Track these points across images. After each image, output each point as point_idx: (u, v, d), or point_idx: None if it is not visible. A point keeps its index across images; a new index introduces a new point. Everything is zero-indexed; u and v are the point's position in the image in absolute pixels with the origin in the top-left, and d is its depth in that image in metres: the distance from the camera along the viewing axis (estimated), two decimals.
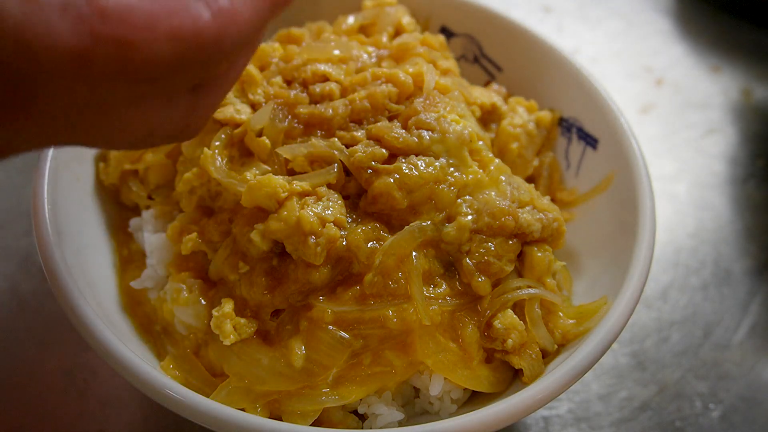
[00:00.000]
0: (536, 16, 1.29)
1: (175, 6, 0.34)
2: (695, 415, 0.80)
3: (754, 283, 0.93)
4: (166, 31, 0.33)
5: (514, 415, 0.56)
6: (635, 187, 0.70)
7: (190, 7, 0.35)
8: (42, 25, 0.31)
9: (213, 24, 0.35)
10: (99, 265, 0.71)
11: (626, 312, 0.62)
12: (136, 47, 0.33)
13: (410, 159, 0.64)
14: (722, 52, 1.25)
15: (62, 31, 0.31)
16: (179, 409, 0.55)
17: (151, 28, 0.33)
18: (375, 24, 0.82)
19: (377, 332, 0.61)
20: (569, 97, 0.82)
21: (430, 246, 0.64)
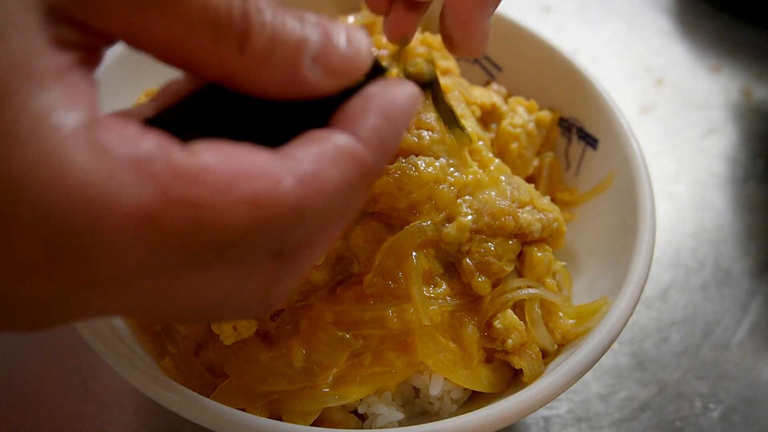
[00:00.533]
0: (536, 16, 1.29)
1: (255, 168, 0.31)
2: (695, 415, 0.80)
3: (754, 283, 0.93)
4: (242, 195, 0.30)
5: (514, 415, 0.56)
6: (635, 187, 0.70)
7: (271, 171, 0.31)
8: (112, 182, 0.28)
9: (294, 191, 0.31)
10: None
11: (626, 312, 0.62)
12: (207, 210, 0.29)
13: (410, 159, 0.64)
14: (722, 52, 1.25)
15: (133, 190, 0.28)
16: (179, 409, 0.55)
17: (227, 192, 0.30)
18: (375, 24, 0.82)
19: (377, 332, 0.61)
20: (569, 97, 0.82)
21: (430, 246, 0.64)
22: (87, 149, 0.27)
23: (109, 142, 0.28)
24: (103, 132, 0.28)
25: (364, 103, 0.36)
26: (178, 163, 0.29)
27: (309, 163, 0.32)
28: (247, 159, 0.31)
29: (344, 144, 0.34)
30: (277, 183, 0.31)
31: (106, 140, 0.28)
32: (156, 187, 0.28)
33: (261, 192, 0.31)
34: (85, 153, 0.27)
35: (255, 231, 0.31)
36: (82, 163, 0.27)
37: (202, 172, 0.29)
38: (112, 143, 0.28)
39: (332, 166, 0.33)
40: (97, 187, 0.27)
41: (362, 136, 0.35)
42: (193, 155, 0.30)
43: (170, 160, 0.29)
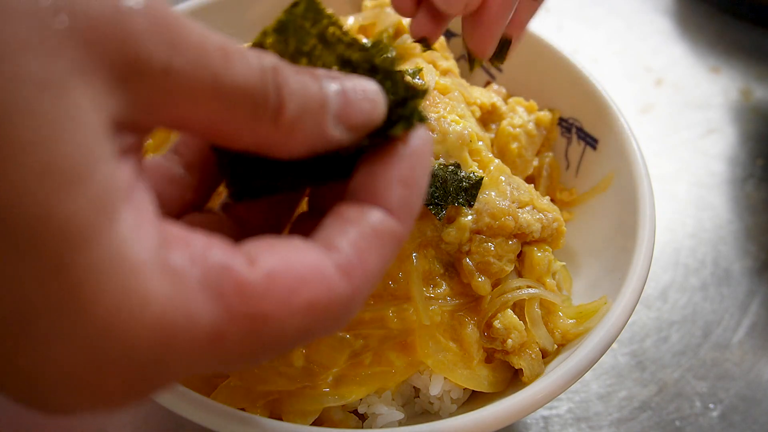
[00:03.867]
0: (536, 16, 1.29)
1: (309, 272, 0.33)
2: (695, 415, 0.80)
3: (753, 283, 0.93)
4: (301, 305, 0.32)
5: (514, 415, 0.56)
6: (635, 187, 0.71)
7: (323, 273, 0.33)
8: (186, 307, 0.30)
9: (345, 290, 0.34)
10: None
11: (626, 312, 0.62)
12: (268, 322, 0.32)
13: None
14: (722, 52, 1.25)
15: (204, 313, 0.30)
16: (179, 408, 0.55)
17: (287, 304, 0.32)
18: (375, 24, 0.82)
19: (377, 332, 0.61)
20: (569, 97, 0.82)
21: (430, 246, 0.64)
22: (162, 276, 0.29)
23: (180, 264, 0.30)
24: (173, 254, 0.30)
25: (387, 172, 0.37)
26: (243, 278, 0.31)
27: (353, 252, 0.35)
28: (300, 261, 0.33)
29: (380, 223, 0.36)
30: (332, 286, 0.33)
31: (178, 263, 0.30)
32: (224, 307, 0.31)
33: (316, 299, 0.33)
34: (161, 280, 0.29)
35: (310, 332, 0.34)
36: (160, 291, 0.29)
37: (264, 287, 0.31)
38: (184, 264, 0.30)
39: (374, 251, 0.35)
40: (173, 313, 0.29)
41: (393, 208, 0.36)
42: (254, 267, 0.32)
43: (234, 276, 0.31)
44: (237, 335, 0.31)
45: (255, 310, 0.31)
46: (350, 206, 0.37)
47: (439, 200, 0.62)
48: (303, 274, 0.33)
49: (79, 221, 0.27)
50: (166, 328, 0.29)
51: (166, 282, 0.29)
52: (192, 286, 0.30)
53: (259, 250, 0.33)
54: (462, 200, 0.63)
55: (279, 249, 0.33)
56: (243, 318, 0.31)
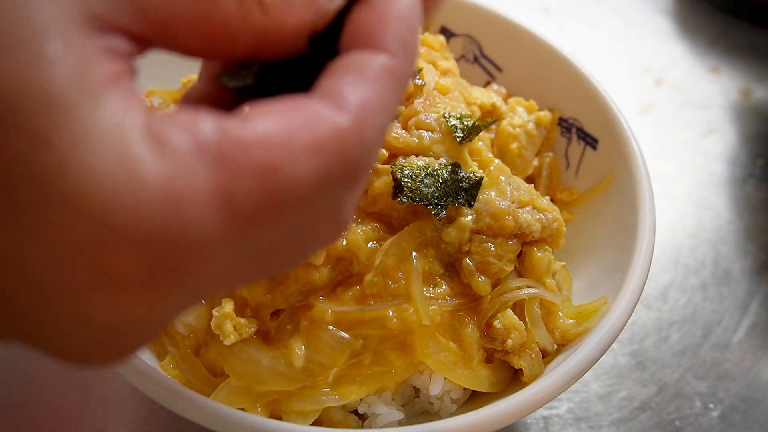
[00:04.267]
0: (536, 17, 1.29)
1: (308, 115, 0.31)
2: (695, 415, 0.80)
3: (753, 283, 0.93)
4: (306, 145, 0.30)
5: (514, 415, 0.56)
6: (635, 187, 0.71)
7: (323, 113, 0.32)
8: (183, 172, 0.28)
9: (351, 123, 0.32)
10: None
11: (626, 312, 0.62)
12: (278, 171, 0.29)
13: (410, 159, 0.64)
14: (722, 52, 1.25)
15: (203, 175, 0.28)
16: (179, 408, 0.55)
17: (290, 147, 0.30)
18: None
19: (377, 332, 0.61)
20: (569, 97, 0.82)
21: (430, 246, 0.64)
22: (153, 148, 0.28)
23: (169, 134, 0.29)
24: (161, 126, 0.29)
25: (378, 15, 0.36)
26: (237, 134, 0.29)
27: (354, 93, 0.33)
28: (297, 109, 0.32)
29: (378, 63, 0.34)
30: (334, 123, 0.32)
31: (166, 133, 0.29)
32: (224, 163, 0.29)
33: (322, 135, 0.31)
34: (152, 152, 0.28)
35: (327, 174, 0.31)
36: (153, 162, 0.28)
37: (261, 136, 0.30)
38: (173, 134, 0.29)
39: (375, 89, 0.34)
40: (171, 182, 0.28)
41: (390, 48, 0.35)
42: (247, 122, 0.30)
43: (229, 134, 0.29)
44: (249, 193, 0.29)
45: (259, 162, 0.29)
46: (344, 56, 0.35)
47: (439, 200, 0.62)
48: (302, 118, 0.31)
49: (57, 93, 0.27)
50: (166, 197, 0.28)
51: (157, 153, 0.28)
52: (186, 151, 0.28)
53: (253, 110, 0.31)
54: (462, 200, 0.63)
55: (274, 105, 0.32)
56: (249, 172, 0.29)
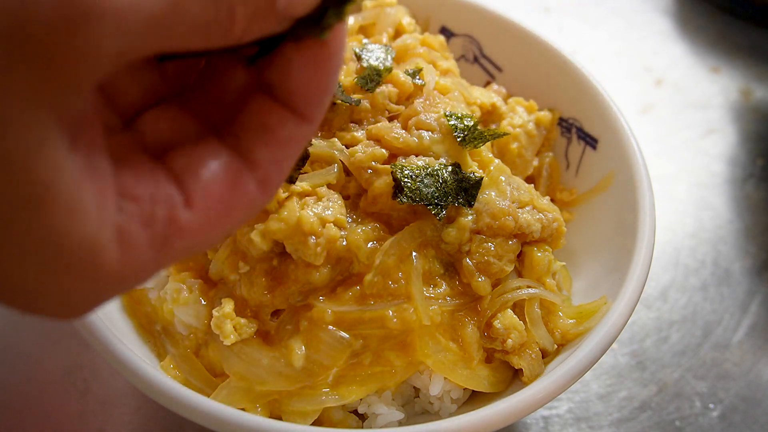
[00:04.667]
0: (536, 16, 1.29)
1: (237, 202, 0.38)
2: (695, 415, 0.80)
3: (753, 283, 0.93)
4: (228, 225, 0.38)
5: (514, 415, 0.56)
6: (635, 187, 0.71)
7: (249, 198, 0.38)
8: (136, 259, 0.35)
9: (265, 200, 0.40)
10: None
11: (626, 312, 0.62)
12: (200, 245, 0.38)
13: (410, 159, 0.64)
14: (721, 52, 1.25)
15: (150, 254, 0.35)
16: (179, 409, 0.55)
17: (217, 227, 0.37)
18: (375, 24, 0.82)
19: (377, 332, 0.61)
20: (569, 97, 0.82)
21: (430, 246, 0.64)
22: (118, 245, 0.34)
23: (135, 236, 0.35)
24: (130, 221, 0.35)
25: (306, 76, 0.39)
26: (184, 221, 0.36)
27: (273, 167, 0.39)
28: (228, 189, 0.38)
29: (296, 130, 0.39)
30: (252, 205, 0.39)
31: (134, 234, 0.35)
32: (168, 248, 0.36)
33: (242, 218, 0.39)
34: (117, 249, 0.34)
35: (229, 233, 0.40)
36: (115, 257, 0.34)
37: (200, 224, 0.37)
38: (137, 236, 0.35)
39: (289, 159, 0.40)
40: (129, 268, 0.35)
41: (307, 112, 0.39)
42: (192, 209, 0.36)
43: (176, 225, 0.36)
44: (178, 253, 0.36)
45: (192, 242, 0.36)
46: (270, 111, 0.39)
47: (439, 200, 0.62)
48: (231, 204, 0.37)
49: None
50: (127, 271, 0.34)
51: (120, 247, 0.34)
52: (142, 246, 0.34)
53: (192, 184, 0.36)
54: (462, 200, 0.63)
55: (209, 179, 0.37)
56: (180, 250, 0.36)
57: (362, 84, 0.69)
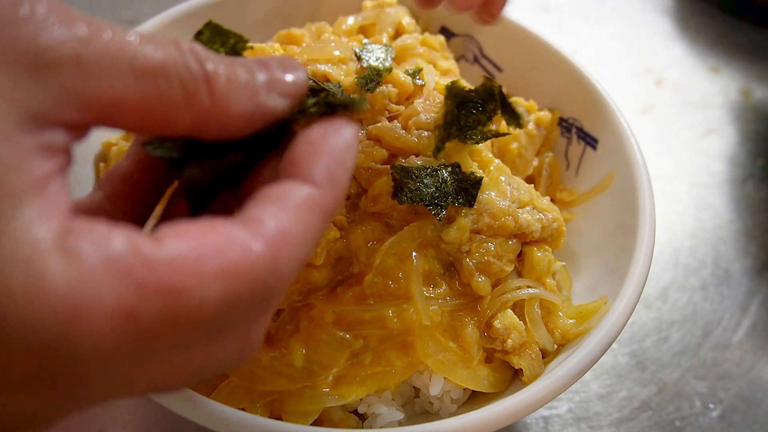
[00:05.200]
0: (536, 16, 1.29)
1: (222, 241, 0.32)
2: (695, 415, 0.80)
3: (753, 283, 0.93)
4: (214, 270, 0.31)
5: (514, 415, 0.56)
6: (635, 187, 0.71)
7: (238, 239, 0.32)
8: (88, 285, 0.29)
9: (265, 252, 0.33)
10: None
11: (626, 312, 0.62)
12: (183, 294, 0.30)
13: (410, 159, 0.64)
14: (722, 52, 1.25)
15: (108, 290, 0.29)
16: (179, 408, 0.55)
17: (198, 271, 0.31)
18: (375, 25, 0.82)
19: (377, 332, 0.61)
20: (569, 97, 0.82)
21: (430, 246, 0.64)
22: (62, 259, 0.29)
23: (81, 247, 0.29)
24: (75, 238, 0.29)
25: (310, 148, 0.37)
26: (147, 254, 0.30)
27: (273, 221, 0.34)
28: (213, 231, 0.32)
29: (302, 194, 0.35)
30: (247, 249, 0.32)
31: (78, 245, 0.29)
32: (130, 282, 0.29)
33: (233, 262, 0.32)
34: (61, 263, 0.28)
35: (234, 300, 0.32)
36: (60, 273, 0.28)
37: (171, 258, 0.30)
38: (84, 247, 0.29)
39: (296, 220, 0.34)
40: (75, 294, 0.28)
41: (316, 180, 0.36)
42: (160, 244, 0.31)
43: (140, 254, 0.30)
44: (152, 313, 0.30)
45: (166, 283, 0.30)
46: (272, 185, 0.36)
47: (439, 200, 0.62)
48: (214, 243, 0.32)
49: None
50: (69, 308, 0.28)
51: (65, 263, 0.29)
52: (93, 264, 0.29)
53: (168, 230, 0.32)
54: (462, 200, 0.63)
55: (190, 228, 0.32)
56: (154, 293, 0.30)
57: (362, 84, 0.69)
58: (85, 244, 0.29)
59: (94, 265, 0.29)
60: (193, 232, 0.32)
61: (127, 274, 0.29)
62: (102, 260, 0.29)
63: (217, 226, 0.33)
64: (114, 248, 0.30)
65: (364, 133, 0.67)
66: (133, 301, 0.29)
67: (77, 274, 0.29)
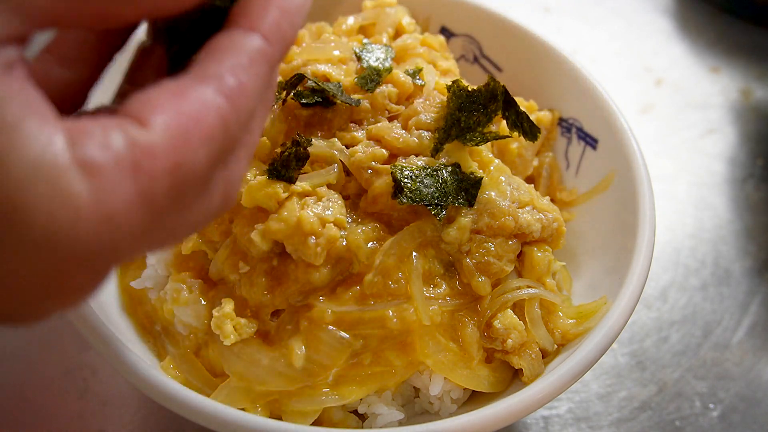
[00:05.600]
0: (536, 16, 1.29)
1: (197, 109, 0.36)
2: (695, 415, 0.80)
3: (753, 283, 0.93)
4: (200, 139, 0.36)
5: (514, 415, 0.56)
6: (635, 187, 0.71)
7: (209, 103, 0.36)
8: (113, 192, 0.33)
9: (232, 112, 0.37)
10: None
11: (626, 312, 0.62)
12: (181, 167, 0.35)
13: (410, 159, 0.64)
14: (721, 52, 1.25)
15: (127, 188, 0.33)
16: (179, 409, 0.55)
17: (188, 144, 0.35)
18: (375, 25, 0.82)
19: (377, 332, 0.61)
20: (569, 97, 0.82)
21: (430, 246, 0.64)
22: (81, 176, 0.32)
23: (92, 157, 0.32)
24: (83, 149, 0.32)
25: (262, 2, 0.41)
26: (145, 143, 0.34)
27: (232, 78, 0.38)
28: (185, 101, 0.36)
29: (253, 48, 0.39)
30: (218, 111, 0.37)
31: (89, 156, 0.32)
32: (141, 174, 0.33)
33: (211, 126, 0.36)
34: (82, 180, 0.32)
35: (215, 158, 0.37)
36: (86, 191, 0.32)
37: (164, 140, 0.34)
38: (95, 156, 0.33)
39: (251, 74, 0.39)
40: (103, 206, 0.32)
41: (266, 33, 0.40)
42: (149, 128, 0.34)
43: (138, 145, 0.34)
44: (163, 192, 0.35)
45: (168, 164, 0.34)
46: (221, 36, 0.40)
47: (439, 200, 0.62)
48: (191, 111, 0.36)
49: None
50: (100, 219, 0.32)
51: (87, 177, 0.32)
52: (110, 173, 0.33)
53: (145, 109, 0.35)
54: (462, 200, 0.63)
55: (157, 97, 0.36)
56: (161, 176, 0.34)
57: (362, 84, 0.69)
58: (94, 153, 0.32)
59: (110, 173, 0.32)
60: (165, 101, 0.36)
61: (137, 168, 0.33)
62: (113, 165, 0.33)
63: (184, 90, 0.36)
64: (117, 148, 0.33)
65: (364, 132, 0.67)
66: (148, 188, 0.34)
67: (100, 188, 0.32)
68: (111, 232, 0.33)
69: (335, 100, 0.67)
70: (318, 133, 0.67)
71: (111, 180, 0.33)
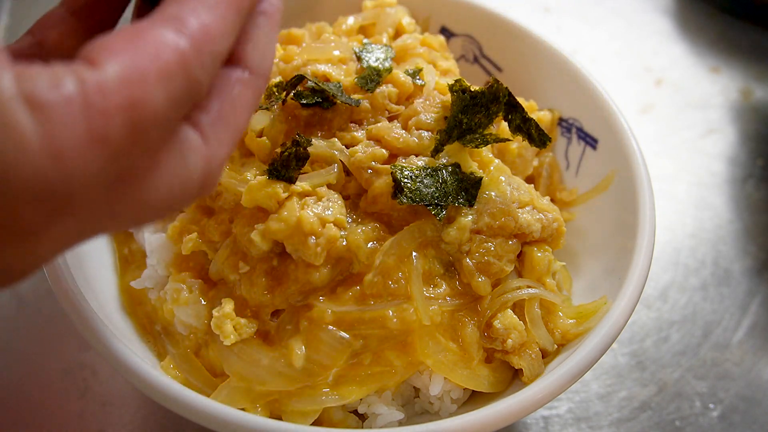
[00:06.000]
0: (536, 16, 1.29)
1: (154, 48, 0.35)
2: (695, 415, 0.80)
3: (753, 283, 0.93)
4: (156, 75, 0.34)
5: (514, 415, 0.56)
6: (635, 187, 0.71)
7: (166, 42, 0.35)
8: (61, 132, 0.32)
9: (193, 48, 0.36)
10: (99, 264, 0.70)
11: (626, 312, 0.62)
12: (136, 105, 0.34)
13: (410, 159, 0.64)
14: (721, 52, 1.25)
15: (78, 127, 0.32)
16: (179, 408, 0.55)
17: (143, 80, 0.34)
18: (375, 25, 0.82)
19: (377, 332, 0.61)
20: (569, 97, 0.82)
21: (430, 246, 0.64)
22: (31, 112, 0.31)
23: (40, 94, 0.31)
24: (30, 85, 0.31)
25: None
26: (95, 81, 0.33)
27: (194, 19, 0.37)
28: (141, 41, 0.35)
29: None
30: (176, 49, 0.35)
31: (38, 94, 0.31)
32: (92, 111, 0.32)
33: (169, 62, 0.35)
34: (31, 116, 0.31)
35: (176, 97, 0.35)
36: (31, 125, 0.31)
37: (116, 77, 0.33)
38: (43, 94, 0.32)
39: (213, 14, 0.38)
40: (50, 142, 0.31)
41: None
42: (100, 67, 0.33)
43: (88, 83, 0.33)
44: (117, 130, 0.33)
45: (120, 101, 0.33)
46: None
47: (439, 200, 0.62)
48: (148, 49, 0.35)
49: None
50: (52, 149, 0.31)
51: (33, 113, 0.31)
52: (58, 107, 0.32)
53: (98, 51, 0.34)
54: (462, 200, 0.63)
55: (113, 41, 0.35)
56: (114, 113, 0.33)
57: (362, 84, 0.69)
58: (41, 90, 0.32)
59: (57, 109, 0.32)
60: (121, 44, 0.35)
61: (88, 106, 0.32)
62: (61, 102, 0.32)
63: (142, 31, 0.35)
64: (66, 87, 0.32)
65: (364, 133, 0.67)
66: (100, 126, 0.33)
67: (47, 122, 0.31)
68: (61, 169, 0.32)
69: (335, 100, 0.67)
70: (318, 133, 0.67)
71: (59, 116, 0.32)
